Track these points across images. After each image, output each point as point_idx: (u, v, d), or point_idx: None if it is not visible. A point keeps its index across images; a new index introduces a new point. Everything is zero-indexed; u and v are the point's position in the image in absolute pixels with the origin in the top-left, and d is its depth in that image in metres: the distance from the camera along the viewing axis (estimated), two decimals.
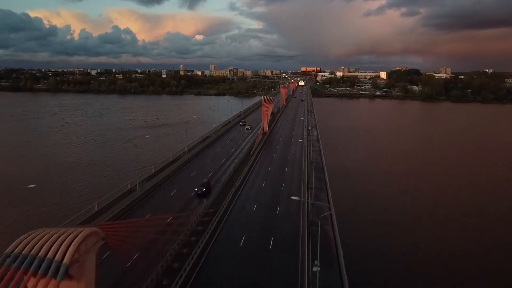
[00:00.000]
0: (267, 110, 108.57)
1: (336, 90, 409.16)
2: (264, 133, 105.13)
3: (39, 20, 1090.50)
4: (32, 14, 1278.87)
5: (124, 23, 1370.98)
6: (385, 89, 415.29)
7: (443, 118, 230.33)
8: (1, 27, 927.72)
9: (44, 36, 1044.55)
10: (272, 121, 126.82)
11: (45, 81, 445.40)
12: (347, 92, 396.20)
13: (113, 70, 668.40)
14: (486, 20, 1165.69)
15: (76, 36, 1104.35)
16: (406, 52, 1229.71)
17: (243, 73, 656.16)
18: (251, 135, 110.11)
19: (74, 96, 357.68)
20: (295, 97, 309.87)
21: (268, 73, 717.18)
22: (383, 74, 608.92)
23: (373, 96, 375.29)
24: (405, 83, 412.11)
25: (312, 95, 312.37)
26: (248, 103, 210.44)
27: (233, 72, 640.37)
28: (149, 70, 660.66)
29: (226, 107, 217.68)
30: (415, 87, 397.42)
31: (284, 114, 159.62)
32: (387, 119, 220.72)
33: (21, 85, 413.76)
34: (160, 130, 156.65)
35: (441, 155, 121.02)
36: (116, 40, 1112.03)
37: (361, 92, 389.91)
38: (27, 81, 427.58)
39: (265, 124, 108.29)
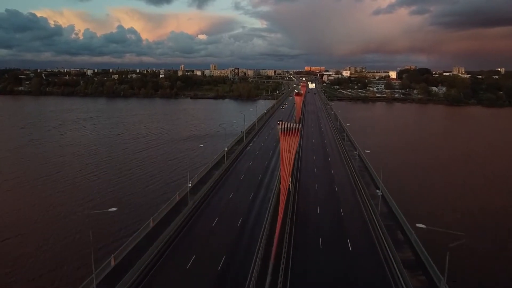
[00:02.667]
0: (290, 152, 54.77)
1: (349, 93, 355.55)
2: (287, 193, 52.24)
3: (44, 19, 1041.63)
4: (37, 13, 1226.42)
5: (127, 22, 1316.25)
6: (401, 91, 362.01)
7: None
8: (8, 27, 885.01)
9: (49, 35, 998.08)
10: None
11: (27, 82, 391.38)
12: (361, 94, 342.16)
13: (110, 70, 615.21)
14: (496, 18, 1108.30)
15: (80, 35, 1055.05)
16: (411, 50, 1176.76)
17: (245, 73, 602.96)
18: (261, 195, 57.64)
19: (58, 100, 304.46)
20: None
21: (271, 72, 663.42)
22: (392, 74, 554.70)
23: (390, 99, 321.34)
24: (423, 83, 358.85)
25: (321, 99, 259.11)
26: (250, 108, 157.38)
27: (234, 72, 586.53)
28: (146, 70, 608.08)
29: (223, 118, 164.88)
30: (435, 89, 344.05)
31: (306, 139, 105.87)
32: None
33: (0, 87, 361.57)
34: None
35: None
36: (120, 40, 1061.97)
37: (377, 95, 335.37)
38: (8, 83, 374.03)
39: (286, 179, 55.04)
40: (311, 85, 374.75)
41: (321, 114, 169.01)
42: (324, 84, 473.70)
